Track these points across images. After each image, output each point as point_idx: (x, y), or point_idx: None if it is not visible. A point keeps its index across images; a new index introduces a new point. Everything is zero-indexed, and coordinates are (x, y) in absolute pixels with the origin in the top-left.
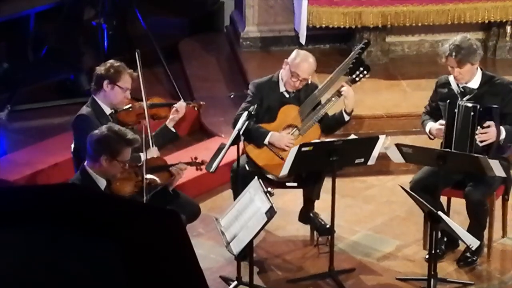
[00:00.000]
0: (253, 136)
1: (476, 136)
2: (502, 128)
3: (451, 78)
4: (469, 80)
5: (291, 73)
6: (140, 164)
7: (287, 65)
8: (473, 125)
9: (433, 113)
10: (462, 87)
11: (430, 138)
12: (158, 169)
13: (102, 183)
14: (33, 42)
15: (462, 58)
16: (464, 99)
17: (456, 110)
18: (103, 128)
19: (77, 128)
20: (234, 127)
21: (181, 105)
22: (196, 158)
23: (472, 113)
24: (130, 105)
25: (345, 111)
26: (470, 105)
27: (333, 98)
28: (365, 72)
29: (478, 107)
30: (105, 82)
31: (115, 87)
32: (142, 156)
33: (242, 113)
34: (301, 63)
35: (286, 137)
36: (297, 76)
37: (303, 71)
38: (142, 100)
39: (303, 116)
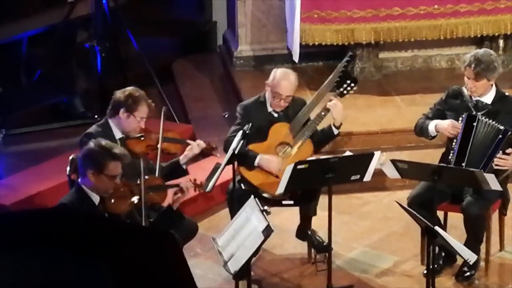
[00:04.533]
0: (243, 160)
1: (494, 159)
2: None
3: (464, 90)
4: (482, 94)
5: (273, 94)
6: (137, 183)
7: (268, 87)
8: (496, 147)
9: (433, 119)
10: (475, 100)
11: (430, 138)
12: (156, 188)
13: (96, 199)
14: (26, 66)
15: (480, 72)
16: (479, 113)
17: (474, 124)
18: (90, 143)
19: (82, 146)
20: (225, 150)
21: (199, 144)
22: (195, 180)
23: (500, 136)
24: (142, 134)
25: (333, 125)
26: (502, 127)
27: (322, 113)
28: (352, 84)
29: (509, 133)
30: (122, 110)
31: (130, 116)
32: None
33: (232, 137)
34: (280, 82)
35: (275, 161)
36: (279, 96)
37: (284, 89)
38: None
39: (294, 133)
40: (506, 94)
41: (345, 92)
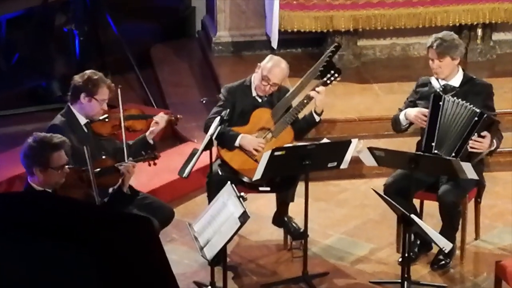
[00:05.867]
0: (224, 139)
1: (469, 141)
2: (495, 141)
3: (432, 79)
4: (449, 76)
5: (262, 77)
6: (84, 168)
7: (259, 69)
8: (472, 130)
9: None
10: (443, 85)
11: (403, 128)
12: (106, 171)
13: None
14: (4, 49)
15: (442, 50)
16: (446, 96)
17: (441, 103)
18: (29, 140)
19: None
20: (205, 131)
21: (162, 117)
22: (147, 152)
23: (476, 119)
24: (106, 115)
25: (315, 111)
26: (478, 110)
27: (305, 101)
28: (336, 75)
29: (485, 115)
30: (82, 95)
31: (92, 100)
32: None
33: (213, 118)
34: (273, 68)
35: (256, 140)
36: (267, 80)
37: (274, 76)
38: (118, 109)
39: (276, 119)
40: (474, 77)
41: (328, 82)
